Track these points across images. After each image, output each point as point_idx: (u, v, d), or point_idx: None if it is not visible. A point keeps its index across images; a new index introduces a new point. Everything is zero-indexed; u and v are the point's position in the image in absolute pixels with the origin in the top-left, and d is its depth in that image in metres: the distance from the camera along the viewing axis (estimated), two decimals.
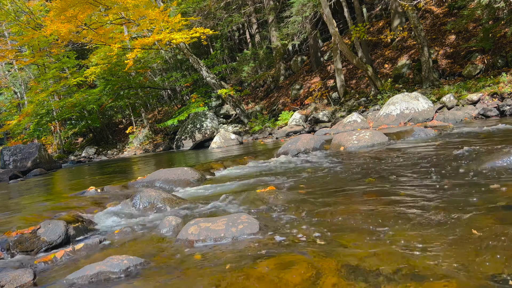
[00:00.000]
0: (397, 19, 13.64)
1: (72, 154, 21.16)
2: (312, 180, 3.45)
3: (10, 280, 1.72)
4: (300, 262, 1.58)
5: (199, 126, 15.33)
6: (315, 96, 14.09)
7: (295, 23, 13.72)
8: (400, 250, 1.58)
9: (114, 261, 1.76)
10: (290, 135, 11.29)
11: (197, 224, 2.13)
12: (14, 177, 8.76)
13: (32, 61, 18.90)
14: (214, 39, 19.88)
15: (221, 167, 4.96)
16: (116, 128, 24.15)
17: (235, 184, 3.72)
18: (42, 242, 2.32)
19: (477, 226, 1.74)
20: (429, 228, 1.80)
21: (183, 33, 12.87)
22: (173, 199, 3.13)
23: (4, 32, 20.64)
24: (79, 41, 15.38)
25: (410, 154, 4.09)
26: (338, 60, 12.76)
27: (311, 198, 2.72)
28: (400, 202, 2.31)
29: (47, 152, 11.81)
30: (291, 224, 2.16)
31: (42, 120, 20.21)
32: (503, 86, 8.55)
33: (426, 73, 10.47)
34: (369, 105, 11.10)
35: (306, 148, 5.41)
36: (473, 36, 11.10)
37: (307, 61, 17.47)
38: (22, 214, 3.03)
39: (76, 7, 12.06)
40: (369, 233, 1.84)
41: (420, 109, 8.28)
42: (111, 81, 17.97)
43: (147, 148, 17.95)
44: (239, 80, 19.31)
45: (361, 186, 2.92)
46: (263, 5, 17.55)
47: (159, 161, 9.51)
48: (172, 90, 20.55)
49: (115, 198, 3.49)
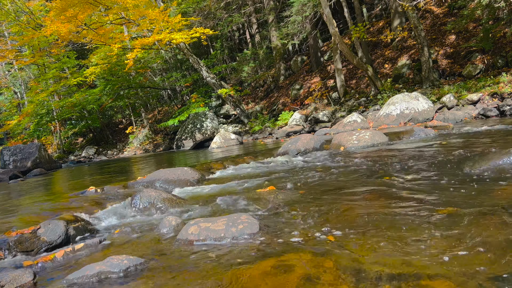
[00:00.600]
0: (397, 19, 13.64)
1: (72, 154, 21.16)
2: (312, 180, 3.45)
3: (10, 280, 1.72)
4: (300, 262, 1.58)
5: (199, 126, 15.33)
6: (315, 96, 14.09)
7: (295, 23, 13.72)
8: (401, 250, 1.58)
9: (114, 261, 1.76)
10: (290, 135, 11.29)
11: (197, 224, 2.13)
12: (14, 177, 8.75)
13: (32, 61, 18.89)
14: (214, 39, 19.88)
15: (221, 167, 4.96)
16: (116, 128, 24.15)
17: (235, 184, 3.72)
18: (42, 242, 2.32)
19: (477, 226, 1.74)
20: (429, 228, 1.80)
21: (183, 33, 12.87)
22: (173, 199, 3.13)
23: (4, 32, 20.64)
24: (79, 41, 15.39)
25: (410, 154, 4.09)
26: (338, 60, 12.76)
27: (311, 198, 2.72)
28: (400, 202, 2.30)
29: (47, 152, 11.81)
30: (291, 224, 2.16)
31: (42, 120, 20.21)
32: (503, 86, 8.55)
33: (426, 73, 10.47)
34: (369, 105, 11.10)
35: (306, 148, 5.41)
36: (473, 36, 11.10)
37: (307, 61, 17.47)
38: (22, 214, 3.03)
39: (76, 7, 12.06)
40: (369, 233, 1.84)
41: (420, 109, 8.28)
42: (111, 81, 17.97)
43: (147, 148, 17.95)
44: (239, 80, 19.31)
45: (361, 186, 2.92)
46: (263, 5, 17.55)
47: (159, 161, 9.51)
48: (172, 90, 20.55)
49: (115, 198, 3.49)
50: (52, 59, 19.98)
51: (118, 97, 19.01)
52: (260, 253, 1.74)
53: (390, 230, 1.84)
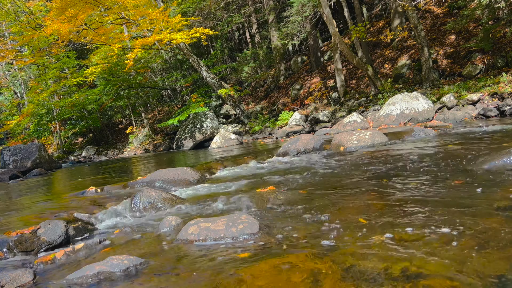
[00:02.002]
0: (397, 19, 13.64)
1: (72, 154, 21.15)
2: (312, 180, 3.45)
3: (10, 280, 1.72)
4: (300, 262, 1.58)
5: (199, 126, 15.33)
6: (315, 96, 14.09)
7: (295, 23, 13.72)
8: (401, 250, 1.58)
9: (114, 261, 1.76)
10: (290, 135, 11.29)
11: (197, 224, 2.13)
12: (14, 177, 8.75)
13: (32, 61, 18.88)
14: (214, 39, 19.87)
15: (221, 167, 4.96)
16: (116, 128, 24.14)
17: (235, 184, 3.72)
18: (42, 242, 2.32)
19: (478, 226, 1.74)
20: (430, 228, 1.80)
21: (183, 33, 12.87)
22: (173, 199, 3.13)
23: (4, 32, 20.63)
24: (79, 41, 15.38)
25: (410, 154, 4.09)
26: (338, 60, 12.76)
27: (311, 198, 2.72)
28: (400, 202, 2.31)
29: (47, 152, 11.80)
30: (291, 224, 2.16)
31: (42, 120, 20.20)
32: (503, 86, 8.55)
33: (426, 73, 10.47)
34: (369, 105, 11.09)
35: (306, 148, 5.41)
36: (473, 36, 11.10)
37: (307, 61, 17.47)
38: (22, 214, 3.03)
39: (76, 7, 12.06)
40: (369, 233, 1.84)
41: (420, 109, 8.28)
42: (111, 81, 17.96)
43: (147, 148, 17.94)
44: (239, 80, 19.31)
45: (361, 186, 2.92)
46: (263, 5, 17.54)
47: (159, 161, 9.51)
48: (172, 90, 20.55)
49: (115, 198, 3.49)
50: (52, 59, 19.97)
51: (118, 97, 19.01)
52: (260, 253, 1.74)
53: (393, 230, 1.84)
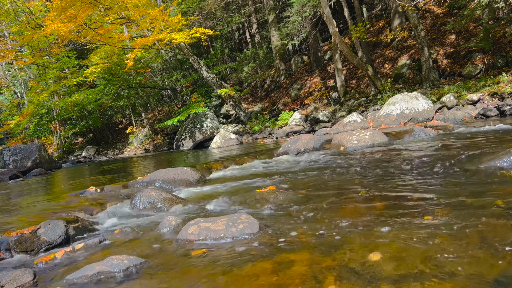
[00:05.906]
0: (397, 19, 13.63)
1: (72, 154, 21.14)
2: (312, 180, 3.45)
3: (10, 280, 1.72)
4: (300, 262, 1.58)
5: (199, 126, 15.32)
6: (315, 96, 14.09)
7: (295, 23, 13.71)
8: (402, 250, 1.58)
9: (114, 261, 1.76)
10: (290, 135, 11.29)
11: (197, 224, 2.13)
12: (14, 177, 8.75)
13: (32, 61, 18.88)
14: (214, 39, 19.87)
15: (221, 167, 4.96)
16: (116, 128, 24.13)
17: (235, 184, 3.72)
18: (42, 242, 2.32)
19: (478, 226, 1.74)
20: (429, 227, 1.80)
21: (183, 33, 12.87)
22: (173, 199, 3.13)
23: (4, 32, 20.62)
24: (79, 41, 15.37)
25: (410, 154, 4.09)
26: (338, 60, 12.76)
27: (311, 198, 2.72)
28: (400, 202, 2.31)
29: (47, 152, 11.80)
30: (291, 224, 2.16)
31: (42, 120, 20.18)
32: (503, 86, 8.55)
33: (426, 73, 10.47)
34: (369, 105, 11.09)
35: (306, 148, 5.41)
36: (473, 36, 11.10)
37: (307, 61, 17.46)
38: (22, 214, 3.03)
39: (76, 7, 12.05)
40: (370, 233, 1.84)
41: (420, 109, 8.28)
42: (111, 81, 17.95)
43: (147, 148, 17.94)
44: (239, 80, 19.31)
45: (361, 186, 2.92)
46: (263, 5, 17.54)
47: (159, 161, 9.51)
48: (172, 90, 20.54)
49: (115, 198, 3.49)
50: (52, 59, 19.96)
51: (118, 97, 19.00)
52: (260, 253, 1.75)
53: (393, 230, 1.84)
